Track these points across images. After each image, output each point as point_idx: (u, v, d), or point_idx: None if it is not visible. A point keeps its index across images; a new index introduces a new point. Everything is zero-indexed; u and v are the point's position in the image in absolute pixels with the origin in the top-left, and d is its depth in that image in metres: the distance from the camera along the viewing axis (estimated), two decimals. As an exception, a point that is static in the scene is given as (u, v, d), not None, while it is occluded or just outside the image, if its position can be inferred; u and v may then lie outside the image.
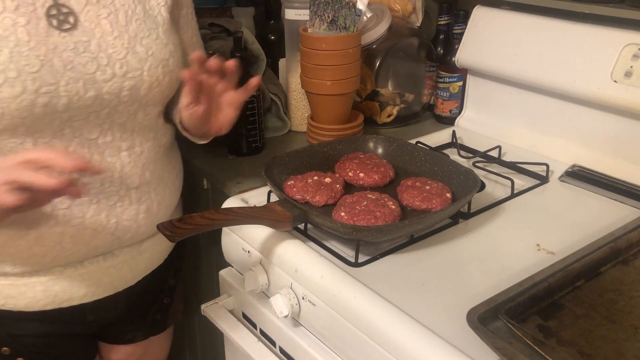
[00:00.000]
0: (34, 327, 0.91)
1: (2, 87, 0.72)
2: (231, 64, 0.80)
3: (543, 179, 1.03)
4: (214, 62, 0.77)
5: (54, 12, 0.77)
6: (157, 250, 1.00)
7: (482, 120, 1.23)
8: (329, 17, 1.09)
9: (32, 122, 0.76)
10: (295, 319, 0.84)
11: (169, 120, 0.96)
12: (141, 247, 0.96)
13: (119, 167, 0.86)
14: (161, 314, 1.09)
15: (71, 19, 0.78)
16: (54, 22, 0.76)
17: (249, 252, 0.91)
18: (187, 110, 0.83)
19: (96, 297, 0.93)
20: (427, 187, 0.90)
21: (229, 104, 0.84)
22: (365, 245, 0.83)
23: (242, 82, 1.13)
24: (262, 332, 0.92)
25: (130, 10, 0.83)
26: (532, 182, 1.02)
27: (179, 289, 1.11)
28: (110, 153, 0.85)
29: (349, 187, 0.95)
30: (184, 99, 0.82)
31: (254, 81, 0.83)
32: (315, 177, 0.93)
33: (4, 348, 0.90)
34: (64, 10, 0.78)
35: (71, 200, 0.82)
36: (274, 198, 0.94)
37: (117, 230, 0.88)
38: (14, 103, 0.73)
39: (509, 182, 0.98)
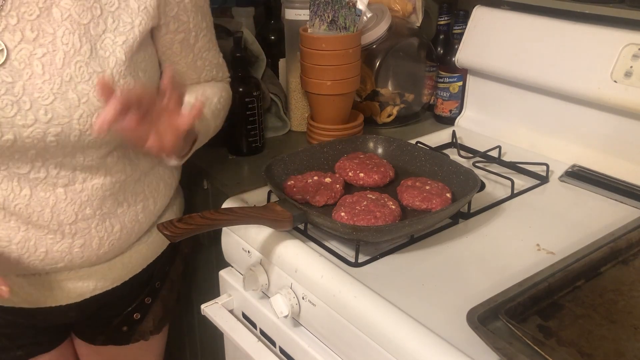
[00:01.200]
0: None
1: None
2: (165, 84, 0.70)
3: (543, 179, 1.03)
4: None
5: None
6: (113, 274, 0.94)
7: (482, 120, 1.23)
8: (329, 17, 1.09)
9: None
10: (295, 319, 0.84)
11: None
12: (90, 270, 0.90)
13: (52, 202, 0.81)
14: (128, 327, 1.03)
15: (1, 56, 0.72)
16: None
17: (249, 252, 0.91)
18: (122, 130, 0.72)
19: (36, 305, 0.89)
20: (427, 187, 0.90)
21: (171, 125, 0.72)
22: (365, 245, 0.83)
23: (242, 82, 1.14)
24: (262, 332, 0.92)
25: (73, 50, 0.75)
26: (532, 182, 1.02)
27: (155, 308, 1.05)
28: (44, 188, 0.80)
29: (349, 187, 0.95)
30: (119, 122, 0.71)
31: (196, 107, 0.72)
32: (315, 177, 0.93)
33: None
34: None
35: None
36: (274, 198, 0.94)
37: (46, 258, 0.84)
38: None
39: (509, 182, 0.98)
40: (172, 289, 1.08)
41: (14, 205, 0.79)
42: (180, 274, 1.10)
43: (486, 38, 1.16)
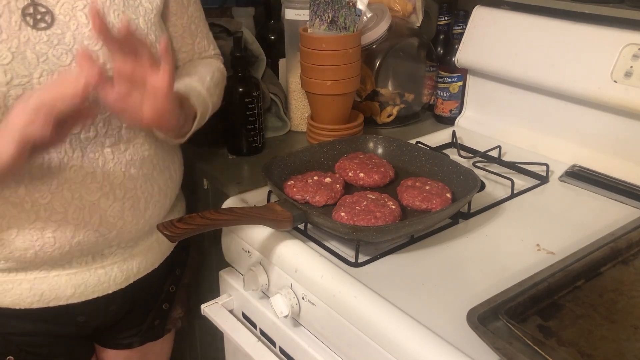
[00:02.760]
0: (23, 326, 0.90)
1: None
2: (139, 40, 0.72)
3: (543, 179, 1.03)
4: (121, 29, 0.70)
5: (30, 11, 0.76)
6: (152, 254, 0.98)
7: (482, 120, 1.23)
8: (329, 17, 1.09)
9: (4, 115, 0.74)
10: (295, 319, 0.84)
11: None
12: (133, 250, 0.94)
13: (101, 163, 0.84)
14: (160, 319, 1.07)
15: (47, 18, 0.77)
16: (30, 20, 0.76)
17: (249, 252, 0.91)
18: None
19: (84, 297, 0.91)
20: (427, 187, 0.90)
21: (153, 93, 0.74)
22: (365, 245, 0.83)
23: (242, 82, 1.14)
24: (262, 332, 0.92)
25: (109, 1, 0.82)
26: (532, 182, 1.02)
27: (180, 295, 1.09)
28: (93, 149, 0.83)
29: (349, 187, 0.95)
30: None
31: (162, 47, 0.73)
32: (315, 177, 0.93)
33: None
34: (41, 9, 0.77)
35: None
36: (274, 198, 0.94)
37: (100, 227, 0.87)
38: None
39: (509, 182, 0.98)
40: (191, 277, 1.12)
41: (69, 167, 0.82)
42: (197, 263, 1.14)
43: (486, 38, 1.16)
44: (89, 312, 0.94)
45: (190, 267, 1.12)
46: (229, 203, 0.98)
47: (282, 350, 0.87)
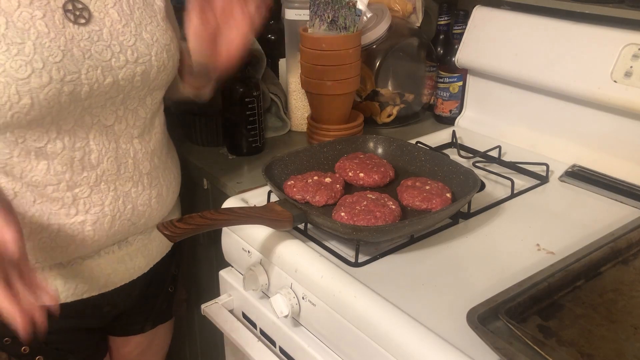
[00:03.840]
0: (55, 323, 0.90)
1: (30, 78, 0.74)
2: None
3: (543, 179, 1.03)
4: None
5: (69, 7, 0.79)
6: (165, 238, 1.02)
7: (482, 120, 1.23)
8: (329, 17, 1.09)
9: (58, 111, 0.78)
10: (295, 319, 0.84)
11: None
12: (151, 235, 0.98)
13: (132, 153, 0.89)
14: (167, 302, 1.11)
15: (86, 14, 0.80)
16: (71, 17, 0.79)
17: (249, 252, 0.91)
18: (194, 33, 0.83)
19: (114, 286, 0.95)
20: (427, 187, 0.90)
21: (237, 28, 0.82)
22: (365, 245, 0.83)
23: (242, 82, 1.14)
24: (262, 332, 0.92)
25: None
26: (532, 182, 1.02)
27: (180, 279, 1.13)
28: (125, 140, 0.88)
29: (349, 187, 0.95)
30: (192, 21, 0.82)
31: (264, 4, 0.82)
32: (315, 177, 0.93)
33: (24, 347, 0.91)
34: (79, 5, 0.80)
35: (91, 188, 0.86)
36: (274, 198, 0.94)
37: (132, 216, 0.91)
38: (42, 93, 0.75)
39: (509, 182, 0.98)
40: (188, 260, 1.18)
41: (107, 158, 0.86)
42: (190, 245, 1.18)
43: (486, 38, 1.16)
44: (115, 300, 0.97)
45: (185, 251, 1.16)
46: (229, 203, 0.98)
47: (282, 350, 0.87)
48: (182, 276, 1.14)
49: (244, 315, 0.96)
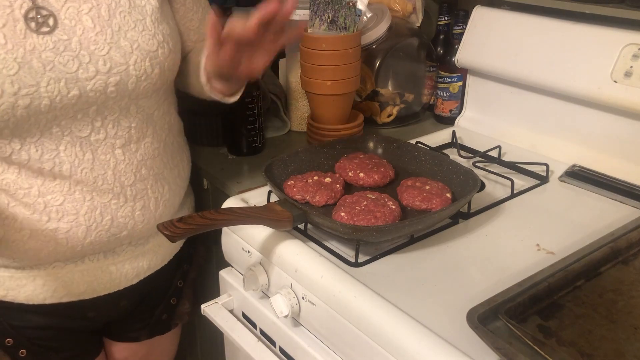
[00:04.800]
0: (36, 320, 0.92)
1: None
2: (282, 11, 0.73)
3: (543, 179, 1.03)
4: (252, 26, 0.73)
5: (32, 14, 0.75)
6: (162, 250, 1.00)
7: (482, 120, 1.23)
8: (329, 17, 1.09)
9: (16, 125, 0.75)
10: (295, 319, 0.84)
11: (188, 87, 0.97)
12: (145, 247, 0.96)
13: (112, 164, 0.85)
14: (167, 314, 1.08)
15: (50, 21, 0.76)
16: (32, 25, 0.75)
17: (249, 252, 0.91)
18: (209, 59, 0.82)
19: (96, 294, 0.93)
20: (427, 187, 0.90)
21: (265, 50, 0.79)
22: (365, 245, 0.83)
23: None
24: (262, 332, 0.92)
25: (114, 3, 0.81)
26: (532, 182, 1.02)
27: (187, 290, 1.11)
28: (104, 151, 0.84)
29: (349, 187, 0.95)
30: (206, 50, 0.81)
31: (288, 12, 0.74)
32: (315, 177, 0.93)
33: (7, 339, 0.91)
34: (44, 12, 0.76)
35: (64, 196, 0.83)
36: (274, 198, 0.94)
37: (112, 227, 0.88)
38: None
39: (509, 182, 0.98)
40: (199, 272, 1.14)
41: (80, 170, 0.83)
42: (204, 259, 1.15)
43: (486, 38, 1.16)
44: (99, 308, 0.95)
45: (197, 262, 1.13)
46: (229, 203, 0.98)
47: (282, 350, 0.87)
48: (189, 288, 1.11)
49: (244, 315, 0.95)
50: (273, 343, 0.89)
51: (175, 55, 0.88)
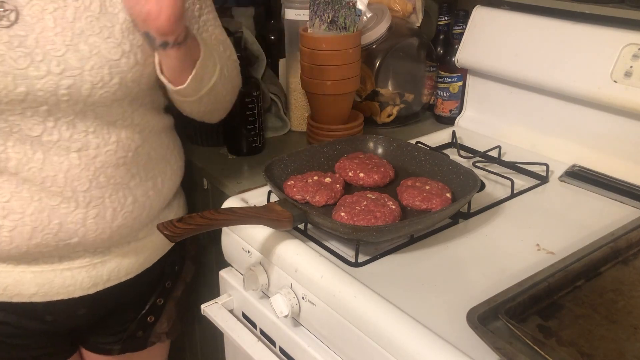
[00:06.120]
0: None
1: None
2: None
3: (543, 179, 1.03)
4: None
5: None
6: (127, 263, 0.95)
7: (482, 120, 1.23)
8: (329, 17, 1.09)
9: None
10: (295, 319, 0.84)
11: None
12: (104, 257, 0.92)
13: (65, 167, 0.82)
14: (143, 331, 1.04)
15: (12, 16, 0.75)
16: None
17: (249, 252, 0.91)
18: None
19: (48, 298, 0.90)
20: (427, 187, 0.90)
21: None
22: (365, 245, 0.83)
23: (242, 82, 1.14)
24: (262, 332, 0.92)
25: (83, 6, 0.79)
26: (532, 182, 1.02)
27: (168, 309, 1.06)
28: (57, 152, 0.81)
29: (349, 187, 0.95)
30: None
31: None
32: (315, 177, 0.93)
33: None
34: (7, 7, 0.75)
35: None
36: (274, 198, 0.94)
37: (60, 232, 0.84)
38: None
39: (509, 182, 0.98)
40: (185, 291, 1.09)
41: (28, 168, 0.81)
42: (192, 276, 1.11)
43: (486, 38, 1.16)
44: (55, 313, 0.92)
45: (184, 280, 1.08)
46: (229, 203, 0.98)
47: (282, 350, 0.87)
48: (172, 307, 1.06)
49: (244, 315, 0.95)
50: (273, 343, 0.89)
51: (143, 68, 0.83)
